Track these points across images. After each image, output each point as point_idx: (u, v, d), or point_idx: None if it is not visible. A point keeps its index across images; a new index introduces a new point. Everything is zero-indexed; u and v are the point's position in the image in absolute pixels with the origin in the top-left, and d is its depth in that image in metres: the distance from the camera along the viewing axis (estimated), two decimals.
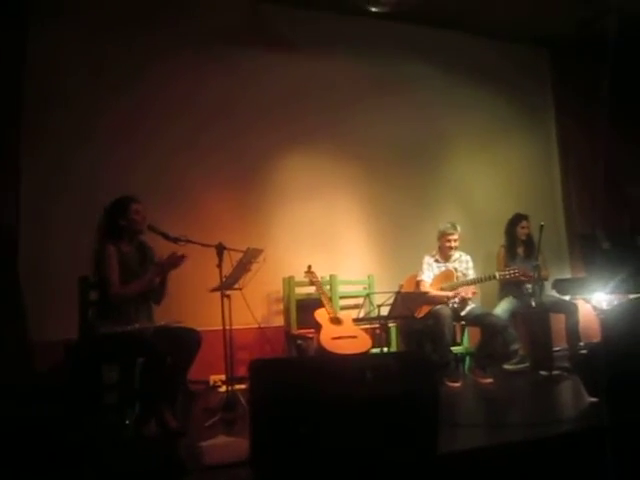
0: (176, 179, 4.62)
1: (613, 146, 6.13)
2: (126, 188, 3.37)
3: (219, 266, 3.35)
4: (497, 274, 4.44)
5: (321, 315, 4.15)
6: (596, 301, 4.58)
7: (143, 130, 4.58)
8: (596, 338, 4.89)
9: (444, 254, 4.63)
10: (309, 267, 4.55)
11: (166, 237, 3.20)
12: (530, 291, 4.56)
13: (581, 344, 4.64)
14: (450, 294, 4.38)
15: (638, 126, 6.18)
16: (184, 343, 2.95)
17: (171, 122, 4.67)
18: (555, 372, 4.21)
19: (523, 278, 4.43)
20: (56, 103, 4.31)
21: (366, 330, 4.32)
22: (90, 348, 2.93)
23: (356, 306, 4.96)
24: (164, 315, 3.28)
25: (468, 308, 4.48)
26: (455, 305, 4.45)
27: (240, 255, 3.46)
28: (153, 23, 4.66)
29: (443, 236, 4.61)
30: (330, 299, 4.41)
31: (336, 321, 4.13)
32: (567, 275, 5.75)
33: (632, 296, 4.31)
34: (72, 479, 2.20)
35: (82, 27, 4.45)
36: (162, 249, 3.28)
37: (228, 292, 3.47)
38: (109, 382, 3.04)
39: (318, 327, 4.06)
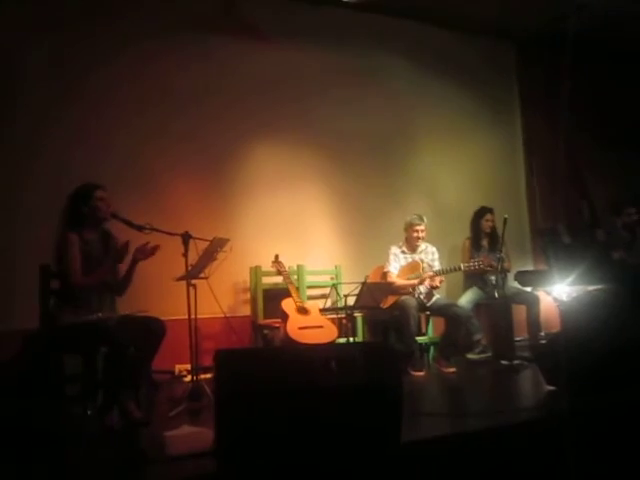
0: (143, 167, 4.54)
1: (575, 143, 6.29)
2: (93, 176, 3.29)
3: (185, 255, 3.31)
4: (462, 265, 4.52)
5: (288, 305, 4.15)
6: (557, 293, 4.70)
7: (111, 117, 4.48)
8: (556, 328, 5.04)
9: (411, 245, 4.69)
10: (276, 257, 4.54)
11: (130, 225, 3.14)
12: (493, 282, 4.67)
13: (542, 334, 4.77)
14: (416, 282, 4.43)
15: (600, 124, 6.35)
16: (148, 333, 2.91)
17: (140, 110, 4.58)
18: (516, 361, 4.31)
19: (488, 269, 4.52)
20: (21, 89, 4.19)
21: (333, 320, 4.35)
22: (51, 338, 2.87)
23: (323, 296, 4.97)
24: (128, 304, 3.23)
25: (433, 299, 4.55)
26: (421, 296, 4.51)
27: (206, 244, 3.42)
28: (122, 7, 4.54)
29: (410, 227, 4.66)
30: (297, 289, 4.41)
31: (303, 311, 4.14)
32: (529, 267, 5.88)
33: (591, 288, 4.44)
34: (33, 471, 2.15)
35: (47, 11, 4.30)
36: (127, 237, 3.21)
37: (194, 281, 3.43)
38: (71, 372, 2.98)
39: (285, 317, 4.06)
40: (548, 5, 5.50)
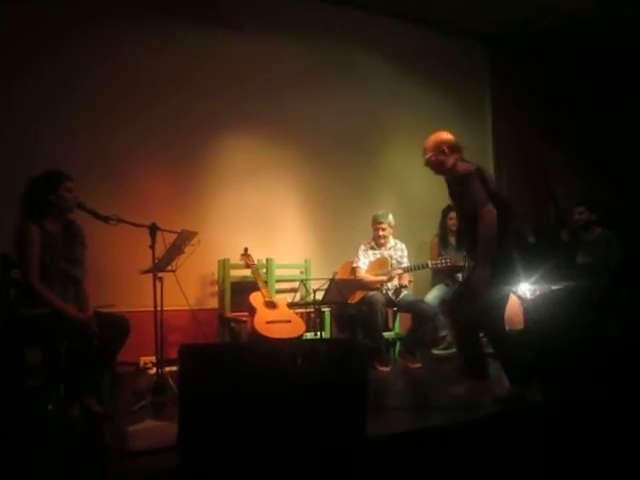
0: (110, 158, 4.46)
1: (542, 145, 6.42)
2: (58, 164, 3.20)
3: (152, 247, 3.27)
4: (430, 263, 4.56)
5: (256, 299, 4.14)
6: (521, 291, 4.80)
7: (78, 104, 4.38)
8: (520, 326, 5.14)
9: (377, 241, 4.72)
10: (245, 250, 4.52)
11: (96, 216, 3.08)
12: (460, 280, 4.72)
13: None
14: (384, 279, 4.46)
15: (565, 128, 6.49)
16: (112, 331, 2.86)
17: (108, 99, 4.50)
18: None
19: (455, 265, 4.57)
20: None
21: (301, 315, 4.35)
22: (11, 330, 2.80)
23: (292, 290, 4.98)
24: (93, 296, 3.16)
25: (401, 295, 4.59)
26: (389, 292, 4.55)
27: (174, 236, 3.39)
28: None
29: (374, 223, 4.71)
30: (266, 283, 4.40)
31: (271, 305, 4.13)
32: None
33: (554, 287, 4.56)
34: None
35: None
36: (92, 228, 3.17)
37: (161, 274, 3.39)
38: (32, 364, 2.92)
39: (252, 311, 4.05)
40: (519, 8, 5.59)
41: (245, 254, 4.50)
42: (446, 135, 3.31)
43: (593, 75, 6.54)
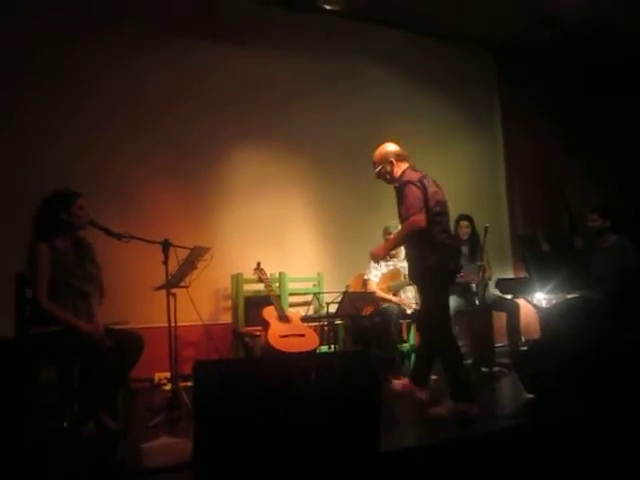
0: (121, 174, 4.50)
1: (555, 151, 6.39)
2: (68, 182, 3.23)
3: (165, 263, 3.28)
4: None
5: (269, 313, 4.13)
6: (536, 300, 4.75)
7: (85, 120, 4.43)
8: (536, 335, 5.09)
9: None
10: (258, 264, 4.52)
11: (109, 233, 3.10)
12: (474, 290, 4.69)
13: (522, 341, 4.80)
14: (394, 299, 4.44)
15: (579, 133, 6.45)
16: (126, 348, 2.87)
17: (117, 115, 4.54)
18: (496, 369, 4.34)
19: (468, 282, 4.56)
20: None
21: (314, 328, 4.33)
22: (25, 348, 2.82)
23: (305, 303, 4.96)
24: (107, 312, 3.18)
25: (414, 306, 4.56)
26: (404, 306, 4.52)
27: (187, 252, 3.40)
28: (95, 4, 4.53)
29: (385, 234, 4.69)
30: (279, 297, 4.40)
31: (284, 319, 4.11)
32: (509, 275, 5.93)
33: (569, 296, 4.51)
34: None
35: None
36: (105, 245, 3.19)
37: (174, 290, 3.40)
38: (46, 382, 2.93)
39: (266, 325, 4.04)
40: (521, 16, 5.60)
41: (258, 268, 4.50)
42: (391, 146, 3.52)
43: (604, 79, 6.51)
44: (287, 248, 5.13)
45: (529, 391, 3.38)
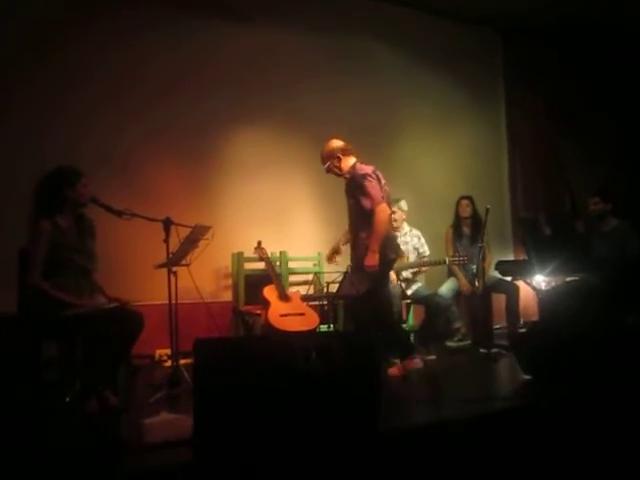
0: (122, 151, 4.48)
1: (557, 133, 6.34)
2: (70, 159, 3.23)
3: (166, 241, 3.29)
4: (447, 259, 4.61)
5: (270, 292, 4.15)
6: (536, 282, 4.75)
7: (88, 98, 4.39)
8: (535, 317, 5.11)
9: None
10: (259, 243, 4.52)
11: (110, 210, 3.10)
12: (474, 271, 4.70)
13: (520, 323, 4.84)
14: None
15: (581, 116, 6.40)
16: (126, 325, 2.89)
17: (119, 94, 4.50)
18: (494, 350, 4.37)
19: (472, 265, 4.60)
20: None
21: (314, 307, 4.35)
22: (29, 324, 2.84)
23: (306, 282, 4.97)
24: (108, 289, 3.20)
25: (414, 287, 4.59)
26: (403, 284, 4.54)
27: (188, 231, 3.40)
28: None
29: None
30: (279, 276, 4.41)
31: (285, 298, 4.13)
32: (509, 256, 5.95)
33: (569, 278, 4.51)
34: (10, 457, 2.15)
35: None
36: (106, 223, 3.19)
37: (175, 268, 3.41)
38: (48, 358, 2.96)
39: (266, 304, 4.06)
40: None
41: (258, 247, 4.50)
42: (337, 142, 3.77)
43: (609, 61, 6.44)
44: (288, 228, 5.13)
45: (526, 372, 3.40)
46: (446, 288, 4.86)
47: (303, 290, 4.60)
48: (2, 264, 3.30)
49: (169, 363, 3.61)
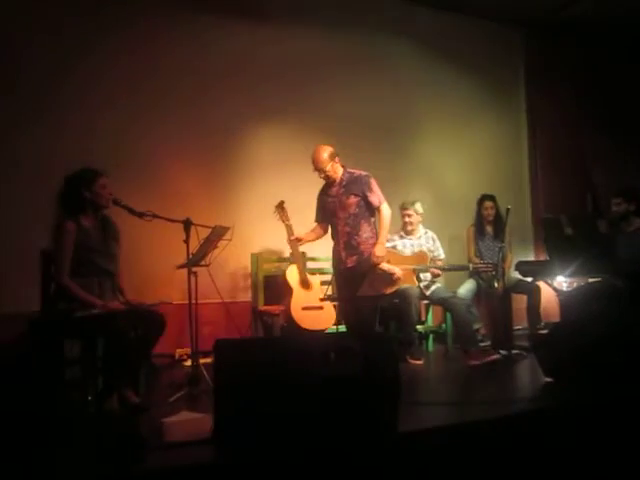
0: (144, 154, 4.52)
1: (580, 132, 6.25)
2: (89, 161, 3.24)
3: (186, 242, 3.31)
4: (470, 265, 4.63)
5: (292, 275, 4.18)
6: (557, 283, 4.70)
7: (109, 101, 4.44)
8: (556, 318, 5.04)
9: (405, 229, 4.74)
10: (281, 203, 4.26)
11: (132, 212, 3.14)
12: (494, 272, 4.65)
13: (541, 324, 4.77)
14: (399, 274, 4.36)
15: (605, 114, 6.30)
16: (148, 326, 2.92)
17: (137, 93, 4.55)
18: (514, 351, 4.32)
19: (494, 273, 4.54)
20: (6, 67, 4.13)
21: (333, 304, 4.35)
22: (51, 323, 2.88)
23: (325, 283, 4.97)
24: (129, 290, 3.24)
25: (433, 287, 4.56)
26: (422, 285, 4.51)
27: (208, 231, 3.42)
28: None
29: (401, 210, 4.70)
30: (290, 226, 4.23)
31: (306, 285, 4.18)
32: (530, 257, 5.88)
33: (590, 279, 4.45)
34: (32, 455, 2.18)
35: None
36: (127, 224, 3.23)
37: (195, 268, 3.44)
38: (71, 357, 3.00)
39: (289, 291, 4.09)
40: None
41: (280, 207, 4.23)
42: (329, 147, 3.85)
43: (632, 59, 6.33)
44: (308, 228, 5.11)
45: (547, 375, 3.36)
46: (465, 289, 4.81)
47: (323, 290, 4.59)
48: (25, 264, 3.36)
49: (189, 362, 3.65)
